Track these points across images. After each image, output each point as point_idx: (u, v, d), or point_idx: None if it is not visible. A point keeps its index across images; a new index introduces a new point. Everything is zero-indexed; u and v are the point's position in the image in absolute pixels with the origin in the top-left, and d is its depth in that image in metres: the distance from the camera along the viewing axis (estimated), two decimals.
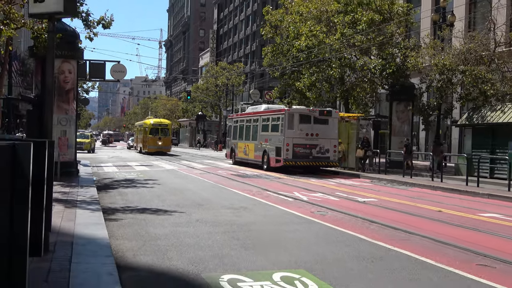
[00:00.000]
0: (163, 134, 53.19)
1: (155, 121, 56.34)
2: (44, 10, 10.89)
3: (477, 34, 32.71)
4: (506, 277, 7.82)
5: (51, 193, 7.58)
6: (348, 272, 7.85)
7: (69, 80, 21.44)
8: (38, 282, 6.15)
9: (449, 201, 18.00)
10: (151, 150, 51.33)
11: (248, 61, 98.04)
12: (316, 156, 29.97)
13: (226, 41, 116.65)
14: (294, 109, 31.14)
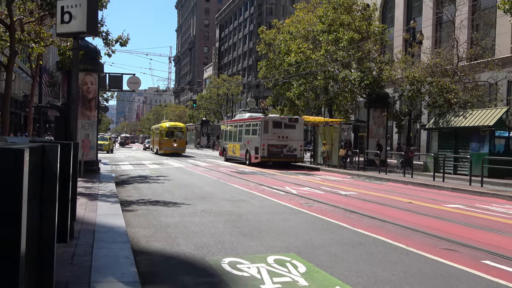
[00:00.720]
0: (178, 136, 48.94)
1: (171, 124, 51.54)
2: (70, 30, 10.86)
3: (442, 51, 32.78)
4: (466, 258, 7.86)
5: (75, 187, 7.57)
6: (332, 255, 7.85)
7: (91, 91, 21.44)
8: (64, 264, 6.15)
9: (418, 194, 18.05)
10: (167, 152, 47.63)
11: (245, 73, 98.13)
12: (286, 154, 32.82)
13: (227, 56, 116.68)
14: (269, 117, 34.42)
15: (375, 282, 6.43)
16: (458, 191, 19.10)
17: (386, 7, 47.31)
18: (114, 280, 5.61)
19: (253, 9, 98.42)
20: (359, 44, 34.29)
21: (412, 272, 6.96)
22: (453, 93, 29.04)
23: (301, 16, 41.51)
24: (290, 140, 32.78)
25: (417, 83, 30.43)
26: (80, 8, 10.58)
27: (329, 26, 35.79)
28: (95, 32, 11.50)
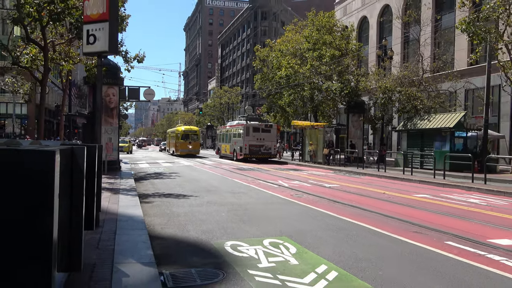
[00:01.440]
0: (193, 139, 45.52)
1: (186, 128, 47.75)
2: (94, 50, 10.87)
3: (410, 64, 32.91)
4: (432, 240, 7.86)
5: (100, 183, 7.55)
6: (318, 239, 7.85)
7: (113, 101, 21.45)
8: (91, 248, 6.15)
9: (391, 186, 18.08)
10: (183, 153, 44.25)
11: (243, 85, 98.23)
12: (263, 152, 36.38)
13: (227, 71, 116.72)
14: (250, 124, 37.07)
15: (355, 260, 6.44)
16: (424, 183, 19.14)
17: (362, 28, 47.40)
18: (133, 261, 5.60)
19: (249, 31, 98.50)
20: (339, 60, 34.38)
21: (387, 252, 6.99)
22: (419, 100, 29.17)
23: (290, 36, 41.59)
24: (266, 141, 36.49)
25: (389, 92, 30.55)
26: (103, 31, 10.59)
27: (313, 45, 35.91)
28: (116, 51, 11.50)
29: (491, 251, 7.09)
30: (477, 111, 30.47)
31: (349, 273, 5.78)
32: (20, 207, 2.57)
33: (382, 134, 34.77)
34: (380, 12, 43.90)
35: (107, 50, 10.71)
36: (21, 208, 2.57)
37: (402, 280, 5.56)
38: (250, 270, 5.82)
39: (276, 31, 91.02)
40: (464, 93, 32.50)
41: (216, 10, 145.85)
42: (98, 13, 10.54)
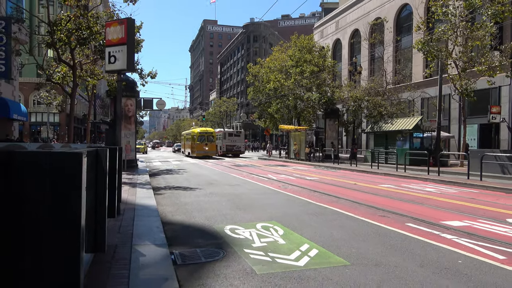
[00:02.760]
0: (209, 140, 40.19)
1: (202, 130, 41.84)
2: (115, 68, 10.84)
3: (375, 78, 33.04)
4: (395, 222, 7.89)
5: (120, 178, 7.54)
6: (302, 222, 7.86)
7: (131, 110, 21.37)
8: (114, 233, 6.13)
9: (361, 178, 18.14)
10: (199, 155, 39.31)
11: (239, 96, 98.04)
12: (235, 150, 43.77)
13: (226, 84, 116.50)
14: (226, 131, 45.35)
15: (332, 240, 6.46)
16: (388, 175, 19.22)
17: (336, 48, 47.51)
18: (148, 243, 5.59)
19: (243, 51, 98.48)
20: (317, 74, 34.48)
21: (358, 232, 7.00)
22: (384, 107, 29.30)
23: (277, 55, 41.64)
24: (237, 142, 43.83)
25: (358, 100, 30.68)
26: (122, 53, 10.56)
27: (296, 62, 36.04)
28: (132, 69, 11.46)
29: (444, 231, 7.13)
30: (431, 116, 30.65)
31: (327, 250, 5.80)
32: (54, 199, 2.57)
33: (354, 135, 34.93)
34: (351, 35, 44.04)
35: (125, 68, 10.70)
36: (55, 199, 2.57)
37: (371, 255, 5.58)
38: (245, 249, 5.83)
39: (265, 51, 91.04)
40: (420, 101, 32.65)
41: (215, 35, 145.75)
42: (118, 38, 10.51)
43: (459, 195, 12.37)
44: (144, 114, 52.92)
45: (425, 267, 5.09)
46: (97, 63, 22.82)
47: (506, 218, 8.43)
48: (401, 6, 35.82)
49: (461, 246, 6.09)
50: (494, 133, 26.76)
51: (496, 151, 18.94)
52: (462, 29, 22.40)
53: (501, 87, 25.67)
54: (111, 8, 19.60)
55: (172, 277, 4.23)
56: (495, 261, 5.32)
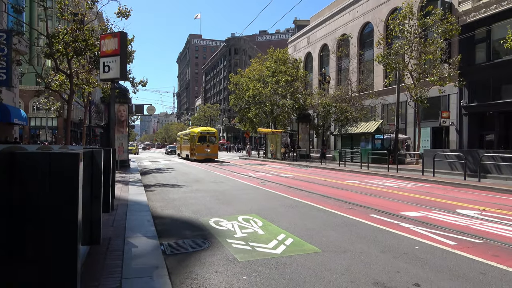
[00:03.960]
0: (211, 141, 32.60)
1: (203, 129, 33.91)
2: (109, 77, 10.61)
3: (342, 87, 33.47)
4: (360, 213, 7.98)
5: (114, 176, 7.38)
6: (278, 214, 7.86)
7: (123, 115, 20.99)
8: (108, 226, 6.00)
9: (330, 174, 18.30)
10: (200, 158, 31.51)
11: (222, 102, 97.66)
12: None
13: (210, 92, 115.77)
14: None
15: (306, 229, 6.48)
16: (354, 172, 19.45)
17: (307, 60, 47.89)
18: (140, 236, 5.49)
19: (225, 63, 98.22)
20: (291, 84, 34.67)
21: (328, 223, 7.05)
22: (349, 113, 29.71)
23: (255, 66, 41.65)
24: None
25: (327, 106, 31.01)
26: (115, 63, 10.36)
27: (272, 73, 36.11)
28: (125, 78, 11.26)
29: (402, 221, 7.26)
30: (390, 120, 31.22)
31: (301, 239, 5.82)
32: (52, 195, 2.50)
33: (323, 137, 35.24)
34: (320, 49, 44.46)
35: (118, 77, 10.49)
36: (54, 196, 2.50)
37: (340, 243, 5.63)
38: (228, 239, 5.79)
39: (245, 62, 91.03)
40: (381, 107, 33.21)
41: (200, 48, 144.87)
42: (111, 49, 10.31)
43: (415, 189, 12.61)
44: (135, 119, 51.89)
45: (387, 252, 5.16)
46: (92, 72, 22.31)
47: (456, 209, 8.64)
48: (364, 24, 36.37)
49: (418, 233, 6.21)
50: (444, 135, 27.43)
51: (446, 151, 19.41)
52: (416, 44, 22.92)
53: (450, 95, 26.35)
54: (105, 22, 19.23)
55: (162, 266, 4.16)
56: (447, 247, 5.43)
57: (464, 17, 25.26)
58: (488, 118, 24.80)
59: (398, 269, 4.47)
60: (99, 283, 3.64)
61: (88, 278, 3.71)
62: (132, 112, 25.14)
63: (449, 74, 22.65)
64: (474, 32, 24.70)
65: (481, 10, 24.22)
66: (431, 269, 4.49)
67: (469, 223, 7.05)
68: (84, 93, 25.21)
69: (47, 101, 28.16)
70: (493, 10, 23.40)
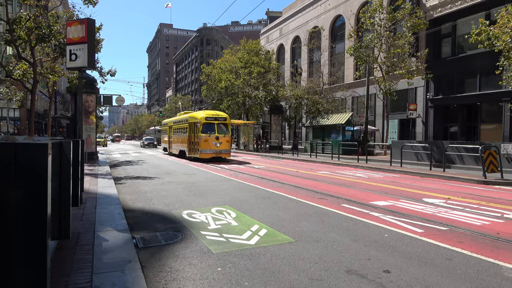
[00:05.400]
0: (221, 131, 21.67)
1: (210, 113, 22.34)
2: (76, 66, 10.22)
3: (313, 79, 33.80)
4: (332, 203, 8.11)
5: (83, 169, 7.16)
6: (251, 205, 7.88)
7: (91, 106, 20.35)
8: (76, 220, 5.83)
9: (302, 166, 18.51)
10: (206, 156, 20.99)
11: (193, 93, 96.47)
12: None
13: (181, 83, 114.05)
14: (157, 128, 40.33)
15: (279, 220, 6.54)
16: (325, 163, 19.76)
17: (280, 52, 47.98)
18: (111, 229, 5.36)
19: (197, 53, 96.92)
20: (264, 75, 34.66)
21: (301, 213, 7.13)
22: (321, 105, 30.07)
23: (228, 57, 41.32)
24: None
25: (299, 98, 31.23)
26: (83, 51, 9.98)
27: (245, 64, 35.96)
28: (93, 67, 10.87)
29: (372, 210, 7.45)
30: (360, 112, 31.87)
31: (275, 230, 5.86)
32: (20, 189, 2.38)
33: (295, 129, 35.54)
34: (292, 41, 44.62)
35: (86, 66, 10.12)
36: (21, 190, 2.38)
37: (312, 232, 5.71)
38: (202, 231, 5.76)
39: (217, 53, 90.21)
40: (351, 99, 33.83)
41: (171, 37, 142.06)
42: (78, 36, 9.91)
43: (384, 179, 12.97)
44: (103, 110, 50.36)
45: (358, 241, 5.29)
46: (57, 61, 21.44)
47: (422, 198, 8.97)
48: (336, 16, 36.75)
49: (387, 222, 6.40)
50: (411, 126, 28.33)
51: (413, 142, 20.06)
52: (386, 38, 23.42)
53: (417, 88, 27.17)
54: (71, 9, 18.46)
55: (135, 259, 4.09)
56: (415, 234, 5.63)
57: (431, 12, 26.01)
58: (452, 110, 25.80)
59: (369, 257, 4.60)
60: (68, 278, 3.53)
61: (57, 274, 3.60)
62: (100, 103, 24.42)
63: (417, 67, 23.34)
64: (441, 27, 25.51)
65: (447, 6, 25.01)
66: (400, 256, 4.64)
67: (435, 211, 7.33)
68: (49, 83, 24.22)
69: (8, 90, 26.86)
70: (458, 6, 24.21)
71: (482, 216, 6.92)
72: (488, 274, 4.07)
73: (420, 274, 4.03)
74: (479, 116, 23.98)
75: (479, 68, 22.77)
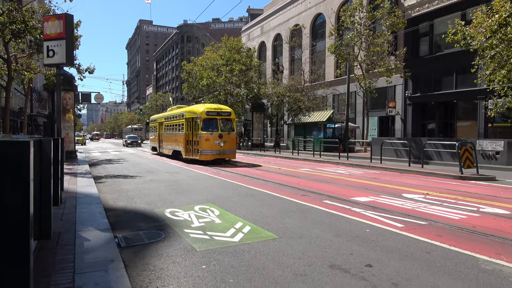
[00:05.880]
0: (226, 128, 18.36)
1: (211, 107, 18.62)
2: (53, 62, 9.97)
3: (295, 77, 33.97)
4: (314, 200, 8.19)
5: (63, 168, 7.01)
6: (234, 203, 7.89)
7: (69, 103, 19.92)
8: (57, 220, 5.70)
9: (284, 163, 18.60)
10: (207, 157, 17.82)
11: (174, 91, 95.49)
12: None
13: (161, 80, 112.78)
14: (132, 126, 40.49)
15: (262, 217, 6.56)
16: (307, 161, 19.90)
17: (261, 50, 48.04)
18: (92, 229, 5.27)
19: (178, 50, 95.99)
20: (245, 73, 34.64)
21: (284, 210, 7.18)
22: (302, 102, 30.28)
23: (209, 55, 41.06)
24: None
25: (281, 96, 31.39)
26: (60, 47, 9.75)
27: (226, 61, 35.83)
28: (71, 64, 10.62)
29: (354, 206, 7.57)
30: (341, 109, 32.28)
31: (259, 227, 5.89)
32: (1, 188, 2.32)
33: (277, 126, 35.70)
34: (274, 38, 44.73)
35: (64, 62, 9.88)
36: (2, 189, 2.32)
37: (296, 229, 5.77)
38: (185, 229, 5.73)
39: (198, 50, 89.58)
40: (332, 97, 34.20)
41: (151, 34, 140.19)
42: (56, 32, 9.66)
43: (364, 175, 13.19)
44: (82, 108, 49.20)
45: (340, 236, 5.38)
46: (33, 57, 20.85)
47: (402, 193, 9.16)
48: (316, 14, 37.03)
49: (368, 217, 6.52)
50: (390, 124, 28.87)
51: (392, 139, 20.46)
52: (366, 36, 23.76)
53: (396, 86, 27.70)
54: (47, 4, 17.97)
55: (118, 259, 4.04)
56: (395, 229, 5.76)
57: (409, 11, 26.52)
58: (430, 108, 26.42)
59: (351, 252, 4.68)
60: (50, 279, 3.47)
61: (39, 275, 3.52)
62: (79, 101, 23.92)
63: (396, 66, 23.78)
64: (419, 26, 26.05)
65: (425, 5, 25.55)
66: (382, 250, 4.74)
67: (415, 206, 7.51)
68: (25, 80, 23.56)
69: None
70: (436, 6, 24.78)
71: (459, 210, 7.13)
72: (465, 266, 4.20)
73: (401, 268, 4.14)
74: (455, 113, 24.64)
75: (456, 66, 23.39)
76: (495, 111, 16.63)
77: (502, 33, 14.55)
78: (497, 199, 8.40)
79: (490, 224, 6.10)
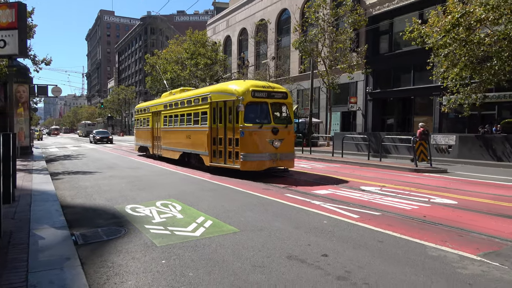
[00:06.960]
0: (281, 119, 11.12)
1: (258, 85, 10.98)
2: (5, 53, 9.50)
3: (260, 71, 34.09)
4: (276, 193, 8.33)
5: (15, 164, 6.72)
6: (197, 198, 7.90)
7: (23, 97, 18.97)
8: (8, 219, 5.48)
9: None
10: (255, 166, 10.59)
11: (137, 84, 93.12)
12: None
13: (124, 73, 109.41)
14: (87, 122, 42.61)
15: (224, 211, 6.62)
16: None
17: (227, 44, 47.76)
18: (48, 227, 5.12)
19: (141, 42, 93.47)
20: (211, 67, 34.41)
21: (245, 204, 7.27)
22: None
23: (173, 48, 40.43)
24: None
25: None
26: (13, 37, 9.30)
27: (191, 55, 35.47)
28: (25, 55, 10.16)
29: (313, 198, 7.79)
30: (305, 104, 32.81)
31: (220, 221, 5.95)
32: None
33: None
34: (239, 33, 44.61)
35: (17, 53, 9.45)
36: None
37: (257, 222, 5.87)
38: (146, 225, 5.69)
39: (162, 43, 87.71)
40: (296, 92, 34.67)
41: (113, 25, 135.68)
42: (7, 21, 9.18)
43: (326, 169, 13.54)
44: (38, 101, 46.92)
45: (299, 228, 5.54)
46: None
47: (360, 186, 9.52)
48: (281, 10, 37.28)
49: (326, 209, 6.74)
50: (352, 119, 29.69)
51: (353, 134, 21.08)
52: (329, 33, 24.24)
53: (358, 82, 28.48)
54: None
55: (74, 257, 3.97)
56: (352, 220, 6.01)
57: (370, 10, 27.30)
58: (389, 103, 27.40)
59: (309, 242, 4.84)
60: (1, 279, 3.36)
61: None
62: (34, 94, 22.83)
63: (357, 62, 24.44)
64: (379, 24, 26.87)
65: (385, 4, 26.38)
66: (338, 240, 4.94)
67: (371, 198, 7.84)
68: None
69: None
70: (395, 5, 25.65)
71: (411, 201, 7.52)
72: (414, 253, 4.47)
73: (355, 256, 4.34)
74: (413, 109, 25.72)
75: (413, 64, 24.37)
76: (448, 107, 17.53)
77: (455, 33, 15.32)
78: (447, 190, 8.92)
79: (439, 213, 6.49)
